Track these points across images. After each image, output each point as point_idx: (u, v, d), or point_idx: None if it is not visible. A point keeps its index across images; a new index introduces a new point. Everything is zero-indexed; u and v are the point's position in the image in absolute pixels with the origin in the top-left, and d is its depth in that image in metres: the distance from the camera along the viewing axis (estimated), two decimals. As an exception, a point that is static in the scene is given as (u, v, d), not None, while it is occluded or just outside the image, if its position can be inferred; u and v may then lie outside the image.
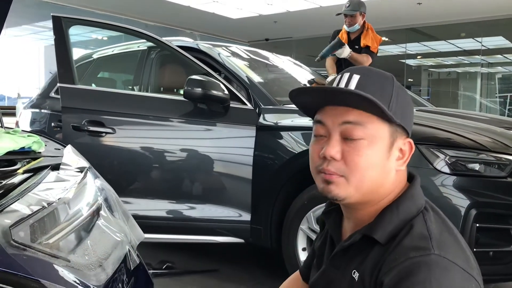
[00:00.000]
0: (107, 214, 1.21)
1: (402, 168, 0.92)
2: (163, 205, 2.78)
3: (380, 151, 0.87)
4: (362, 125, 0.86)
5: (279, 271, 2.82)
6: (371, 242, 0.88)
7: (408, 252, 0.81)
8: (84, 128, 2.76)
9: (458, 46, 12.19)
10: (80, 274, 0.93)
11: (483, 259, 2.12)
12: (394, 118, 0.87)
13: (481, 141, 2.25)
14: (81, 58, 3.98)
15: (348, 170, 0.87)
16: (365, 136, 0.86)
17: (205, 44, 3.29)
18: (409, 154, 0.92)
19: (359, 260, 0.90)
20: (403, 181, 0.94)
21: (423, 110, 3.46)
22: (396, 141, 0.90)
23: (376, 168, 0.88)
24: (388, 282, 0.80)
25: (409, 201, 0.90)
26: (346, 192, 0.88)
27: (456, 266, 0.80)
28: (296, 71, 3.82)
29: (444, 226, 0.88)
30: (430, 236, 0.84)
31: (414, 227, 0.85)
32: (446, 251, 0.81)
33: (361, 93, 0.83)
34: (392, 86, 0.90)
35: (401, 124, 0.89)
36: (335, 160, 0.88)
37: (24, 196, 0.98)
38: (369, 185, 0.88)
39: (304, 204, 2.50)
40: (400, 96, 0.90)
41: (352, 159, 0.87)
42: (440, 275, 0.78)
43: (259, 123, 2.67)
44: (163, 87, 3.51)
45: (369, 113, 0.87)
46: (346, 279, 0.92)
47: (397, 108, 0.88)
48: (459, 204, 2.10)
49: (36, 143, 1.35)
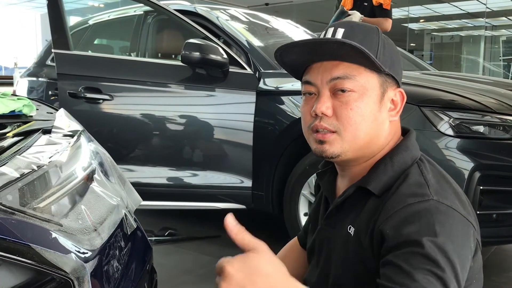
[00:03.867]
0: (101, 178, 1.18)
1: (395, 118, 0.91)
2: (164, 172, 2.76)
3: (371, 102, 0.86)
4: (350, 78, 0.85)
5: (280, 237, 2.81)
6: (366, 195, 0.87)
7: (406, 199, 0.80)
8: (81, 95, 2.71)
9: (462, 8, 11.96)
10: (73, 238, 0.90)
11: (487, 221, 2.10)
12: (383, 67, 0.85)
13: (485, 102, 2.20)
14: (77, 24, 3.90)
15: (340, 125, 0.86)
16: (354, 89, 0.85)
17: (203, 7, 3.20)
18: (401, 104, 0.91)
19: (354, 214, 0.88)
20: (397, 134, 0.93)
21: (426, 73, 3.40)
22: (387, 91, 0.89)
23: (369, 120, 0.86)
24: (389, 230, 0.78)
25: (404, 153, 0.89)
26: (342, 148, 0.87)
27: (455, 211, 0.79)
28: (298, 34, 3.73)
29: (441, 176, 0.87)
30: (427, 183, 0.82)
31: (410, 176, 0.84)
32: (444, 197, 0.80)
33: (350, 42, 0.81)
34: (377, 36, 0.88)
35: (390, 74, 0.88)
36: (326, 116, 0.86)
37: (13, 159, 0.94)
38: (363, 138, 0.87)
39: (305, 170, 2.48)
40: (387, 46, 0.88)
41: (343, 113, 0.85)
42: (442, 220, 0.77)
43: (259, 88, 2.62)
44: (161, 53, 3.44)
45: (357, 64, 0.85)
46: (341, 236, 0.90)
47: (385, 58, 0.87)
48: (463, 166, 2.07)
49: (27, 107, 1.31)
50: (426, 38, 13.46)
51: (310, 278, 1.02)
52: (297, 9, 12.89)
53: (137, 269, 1.19)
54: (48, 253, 0.81)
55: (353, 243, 0.86)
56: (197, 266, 2.54)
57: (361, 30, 0.87)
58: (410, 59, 4.45)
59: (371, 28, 0.89)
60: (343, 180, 0.96)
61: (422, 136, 2.12)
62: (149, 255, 1.34)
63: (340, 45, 0.82)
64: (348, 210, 0.90)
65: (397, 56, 0.91)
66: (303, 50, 0.88)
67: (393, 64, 0.88)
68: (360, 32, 0.87)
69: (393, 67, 0.88)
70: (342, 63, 0.85)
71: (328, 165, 1.03)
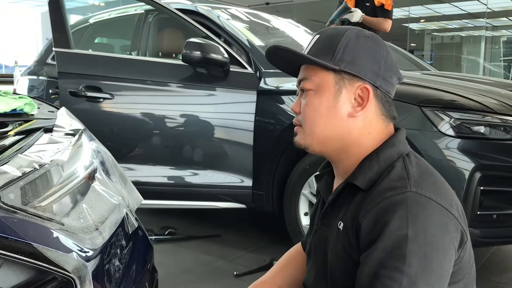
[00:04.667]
0: (103, 177, 1.18)
1: (358, 114, 0.92)
2: (164, 171, 2.76)
3: (325, 99, 0.93)
4: (308, 79, 0.94)
5: (280, 236, 2.82)
6: (355, 190, 0.90)
7: (384, 193, 0.82)
8: (81, 94, 2.71)
9: (462, 9, 11.94)
10: (75, 237, 0.90)
11: (487, 221, 2.10)
12: (332, 65, 0.90)
13: (486, 103, 2.20)
14: (77, 23, 3.89)
15: (302, 120, 0.96)
16: (313, 87, 0.94)
17: (204, 6, 3.20)
18: (367, 100, 0.92)
19: (344, 210, 0.91)
20: (381, 132, 0.95)
21: (427, 73, 3.40)
22: (345, 87, 0.92)
23: (324, 115, 0.93)
24: (366, 223, 0.82)
25: (390, 149, 0.92)
26: (305, 140, 0.96)
27: (434, 202, 0.81)
28: (298, 34, 3.73)
29: (426, 169, 0.89)
30: (408, 176, 0.85)
31: (393, 170, 0.87)
32: (423, 189, 0.82)
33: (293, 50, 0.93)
34: (341, 37, 0.92)
35: (347, 71, 0.91)
36: (297, 113, 0.98)
37: (15, 158, 0.94)
38: (320, 131, 0.93)
39: (305, 169, 2.48)
40: (351, 45, 0.92)
41: (303, 109, 0.96)
42: (417, 211, 0.79)
43: (260, 87, 2.62)
44: (162, 51, 3.44)
45: (313, 65, 0.93)
46: (334, 233, 0.93)
47: (344, 56, 0.91)
48: (463, 167, 2.07)
49: (28, 105, 1.31)
50: (427, 38, 13.44)
51: (309, 279, 1.03)
52: (298, 9, 12.88)
53: (138, 268, 1.19)
54: (50, 252, 0.81)
55: (342, 238, 0.89)
56: (197, 265, 2.54)
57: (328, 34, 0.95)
58: (411, 59, 4.45)
59: (339, 31, 0.94)
60: (338, 180, 0.99)
61: (423, 136, 2.13)
62: (150, 254, 1.34)
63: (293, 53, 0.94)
64: (340, 207, 0.94)
65: (367, 53, 0.92)
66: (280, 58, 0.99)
67: (354, 62, 0.91)
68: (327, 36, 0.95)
69: (353, 64, 0.91)
70: (307, 66, 0.95)
71: (326, 168, 1.06)
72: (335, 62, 0.90)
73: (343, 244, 0.88)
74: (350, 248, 0.87)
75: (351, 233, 0.86)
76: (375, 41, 0.94)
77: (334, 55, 0.91)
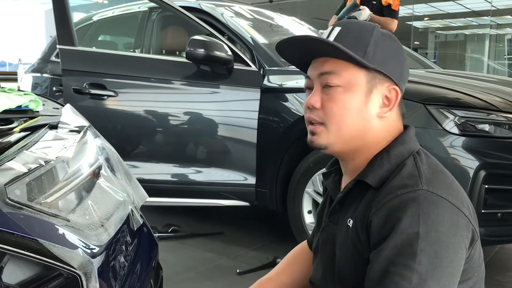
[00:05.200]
0: (108, 174, 1.18)
1: (385, 115, 0.92)
2: (167, 168, 2.76)
3: (356, 97, 0.89)
4: (337, 73, 0.89)
5: (284, 234, 2.82)
6: (365, 188, 0.89)
7: (396, 190, 0.82)
8: (85, 91, 2.72)
9: (466, 6, 11.90)
10: (81, 234, 0.90)
11: (491, 220, 2.10)
12: (368, 63, 0.87)
13: (491, 101, 2.20)
14: (81, 20, 3.90)
15: (326, 117, 0.90)
16: (340, 83, 0.89)
17: (208, 3, 3.20)
18: (395, 101, 0.92)
19: (354, 208, 0.91)
20: (395, 130, 0.94)
21: (431, 71, 3.39)
22: (376, 87, 0.90)
23: (353, 114, 0.89)
24: (376, 221, 0.82)
25: (400, 146, 0.91)
26: (328, 140, 0.91)
27: (446, 200, 0.81)
28: (302, 31, 3.72)
29: (436, 168, 0.89)
30: (419, 174, 0.84)
31: (404, 168, 0.87)
32: (435, 187, 0.82)
33: (332, 42, 0.87)
34: (370, 34, 0.90)
35: (380, 70, 0.89)
36: (316, 109, 0.91)
37: (20, 154, 0.94)
38: (348, 131, 0.90)
39: (309, 167, 2.47)
40: (380, 44, 0.90)
41: (328, 106, 0.90)
42: (428, 209, 0.79)
43: (263, 85, 2.62)
44: (165, 49, 3.44)
45: (343, 60, 0.88)
46: (343, 230, 0.93)
47: (376, 55, 0.89)
48: (468, 165, 2.06)
49: (33, 102, 1.31)
50: (431, 36, 13.40)
51: (316, 276, 1.03)
52: (301, 6, 12.85)
53: (143, 265, 1.20)
54: (56, 248, 0.81)
55: (351, 235, 0.89)
56: (200, 262, 2.55)
57: (355, 29, 0.91)
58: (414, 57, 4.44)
59: (365, 26, 0.92)
60: (347, 178, 0.98)
61: (427, 134, 2.12)
62: (155, 251, 1.34)
63: (326, 44, 0.88)
64: (349, 205, 0.93)
65: (394, 54, 0.92)
66: (297, 48, 0.93)
67: (385, 62, 0.90)
68: (354, 31, 0.91)
69: (385, 64, 0.90)
70: (331, 59, 0.90)
71: (334, 166, 1.05)
72: (369, 60, 0.88)
73: (352, 241, 0.88)
74: (359, 245, 0.87)
75: (361, 230, 0.86)
76: (397, 42, 0.94)
77: (367, 52, 0.88)
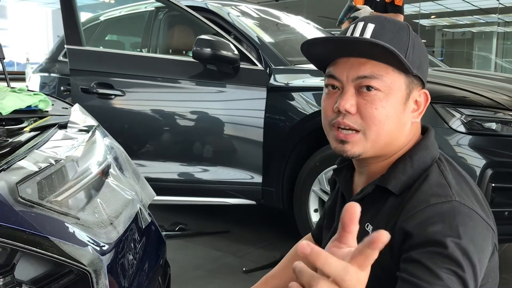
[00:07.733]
0: (117, 173, 1.20)
1: (417, 120, 0.90)
2: (174, 167, 2.78)
3: (396, 103, 0.85)
4: (377, 78, 0.83)
5: (290, 233, 2.83)
6: (385, 193, 0.87)
7: (429, 199, 0.80)
8: (93, 91, 2.74)
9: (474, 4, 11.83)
10: (90, 232, 0.92)
11: (498, 219, 2.06)
12: (412, 68, 0.83)
13: (498, 99, 2.19)
14: (88, 20, 3.92)
15: (364, 124, 0.84)
16: (381, 88, 0.83)
17: (214, 3, 3.21)
18: (424, 106, 0.90)
19: (373, 213, 0.88)
20: (417, 133, 0.92)
21: (437, 69, 3.38)
22: (412, 92, 0.87)
23: (393, 120, 0.85)
24: (412, 228, 0.78)
25: (424, 152, 0.88)
26: (364, 148, 0.86)
27: (476, 214, 0.80)
28: (308, 30, 3.72)
29: (460, 177, 0.87)
30: (448, 184, 0.83)
31: (430, 176, 0.84)
32: (465, 199, 0.81)
33: (383, 43, 0.79)
34: (408, 35, 0.86)
35: (417, 75, 0.86)
36: (350, 114, 0.85)
37: (31, 154, 0.96)
38: (385, 139, 0.86)
39: (316, 166, 2.48)
40: (416, 46, 0.86)
41: (368, 112, 0.84)
42: (464, 221, 0.77)
43: (269, 84, 2.62)
44: (172, 49, 3.46)
45: (385, 63, 0.83)
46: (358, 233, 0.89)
47: (414, 58, 0.85)
48: (474, 163, 2.06)
49: (43, 102, 1.33)
50: (437, 34, 13.33)
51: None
52: (308, 5, 12.82)
53: (151, 263, 1.21)
54: (66, 245, 0.83)
55: None
56: (207, 261, 2.56)
57: (391, 28, 0.85)
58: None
59: (401, 25, 0.87)
60: (361, 177, 0.96)
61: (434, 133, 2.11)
62: (163, 249, 1.35)
63: (370, 45, 0.80)
64: (366, 208, 0.89)
65: (425, 56, 0.90)
66: (332, 45, 0.86)
67: (421, 65, 0.87)
68: (391, 30, 0.85)
69: (420, 68, 0.86)
70: (369, 61, 0.83)
71: (345, 162, 1.02)
72: (410, 63, 0.82)
73: None
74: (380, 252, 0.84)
75: None
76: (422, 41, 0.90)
77: (407, 55, 0.83)
